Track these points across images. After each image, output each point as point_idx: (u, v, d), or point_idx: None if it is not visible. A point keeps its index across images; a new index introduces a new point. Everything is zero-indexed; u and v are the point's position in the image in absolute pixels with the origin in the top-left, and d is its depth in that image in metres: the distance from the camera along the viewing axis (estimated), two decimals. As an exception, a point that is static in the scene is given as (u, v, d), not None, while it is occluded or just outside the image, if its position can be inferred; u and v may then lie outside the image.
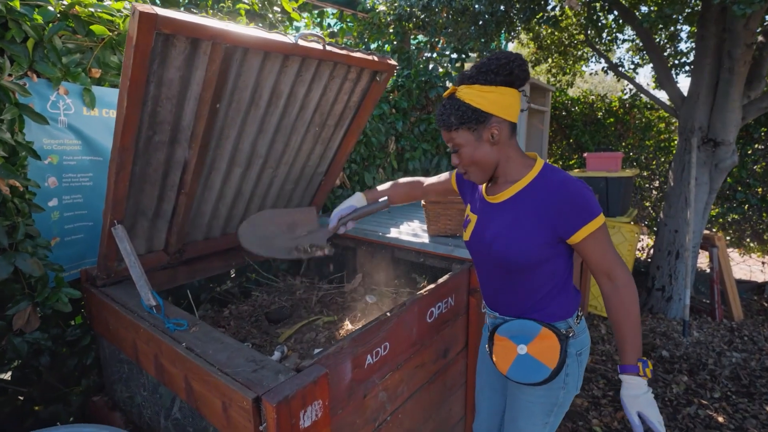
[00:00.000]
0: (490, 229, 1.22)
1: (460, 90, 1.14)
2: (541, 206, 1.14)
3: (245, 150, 1.62)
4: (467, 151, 1.16)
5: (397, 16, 3.52)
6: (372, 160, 2.86)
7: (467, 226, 1.31)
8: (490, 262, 1.25)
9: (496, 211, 1.23)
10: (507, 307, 1.27)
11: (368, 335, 1.25)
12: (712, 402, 2.70)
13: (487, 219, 1.25)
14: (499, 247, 1.18)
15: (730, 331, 3.60)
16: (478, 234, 1.26)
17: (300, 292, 2.04)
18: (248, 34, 1.25)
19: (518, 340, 1.22)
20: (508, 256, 1.18)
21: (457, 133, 1.15)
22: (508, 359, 1.23)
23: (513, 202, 1.19)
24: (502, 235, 1.19)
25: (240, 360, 1.09)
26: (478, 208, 1.29)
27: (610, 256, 1.13)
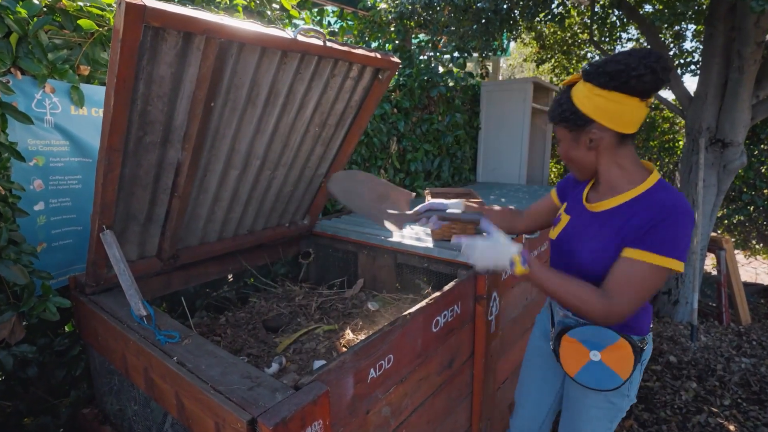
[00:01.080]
0: (581, 237, 1.18)
1: (576, 86, 1.10)
2: (638, 225, 1.05)
3: (242, 151, 1.55)
4: (563, 147, 1.18)
5: (399, 14, 3.45)
6: (373, 161, 2.79)
7: (557, 224, 1.29)
8: (572, 267, 1.19)
9: (592, 220, 1.18)
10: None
11: (371, 348, 1.17)
12: (722, 410, 2.63)
13: (580, 225, 1.21)
14: (583, 260, 1.15)
15: (738, 335, 3.53)
16: (567, 237, 1.23)
17: (299, 298, 1.97)
18: (244, 29, 1.18)
19: (592, 345, 1.18)
20: (592, 270, 1.13)
21: (557, 128, 1.15)
22: (578, 363, 1.20)
23: (611, 215, 1.12)
24: (591, 248, 1.14)
25: (234, 376, 1.02)
26: (574, 209, 1.26)
27: (630, 289, 1.04)
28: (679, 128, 5.03)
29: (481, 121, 3.94)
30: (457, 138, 3.59)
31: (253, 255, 2.08)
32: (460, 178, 3.81)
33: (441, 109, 3.43)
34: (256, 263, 2.10)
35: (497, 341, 1.84)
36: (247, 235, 1.93)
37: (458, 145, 3.65)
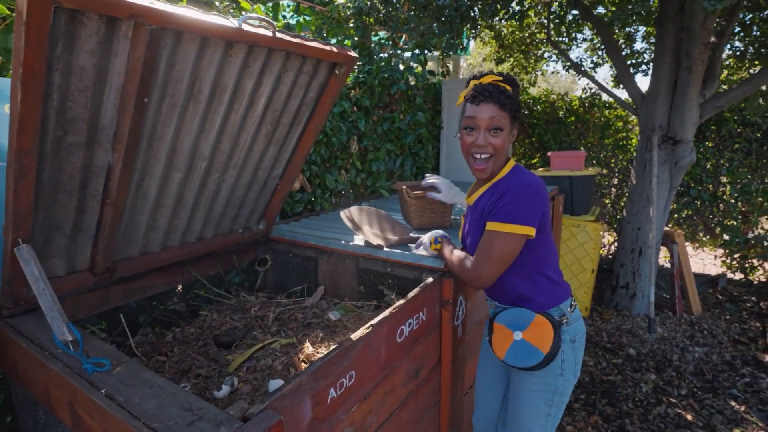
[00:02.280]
0: (464, 229, 1.41)
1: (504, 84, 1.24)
2: (492, 203, 1.26)
3: (185, 152, 1.41)
4: (503, 137, 1.24)
5: (357, 10, 3.35)
6: (333, 161, 2.69)
7: (459, 227, 1.53)
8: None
9: (470, 210, 1.38)
10: (500, 296, 1.37)
11: (331, 365, 1.07)
12: (680, 400, 2.71)
13: (466, 220, 1.42)
14: (470, 247, 1.34)
15: (690, 325, 3.67)
16: (464, 236, 1.43)
17: (255, 309, 1.84)
18: (179, 15, 1.05)
19: (515, 327, 1.31)
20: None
21: (504, 116, 1.22)
22: (504, 345, 1.32)
23: (480, 200, 1.33)
24: (470, 233, 1.35)
25: (173, 409, 0.90)
26: (468, 209, 1.43)
27: (487, 255, 1.24)
28: (632, 126, 5.20)
29: (443, 119, 3.90)
30: (420, 137, 3.54)
31: (204, 264, 1.93)
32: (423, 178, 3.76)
33: (402, 108, 3.36)
34: (207, 273, 1.95)
35: (464, 346, 1.78)
36: (195, 242, 1.78)
37: (420, 144, 3.59)
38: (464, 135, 1.27)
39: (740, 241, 4.55)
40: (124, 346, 1.59)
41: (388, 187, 3.11)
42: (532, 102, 5.43)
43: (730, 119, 4.49)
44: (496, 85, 1.22)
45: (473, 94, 1.22)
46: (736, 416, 2.56)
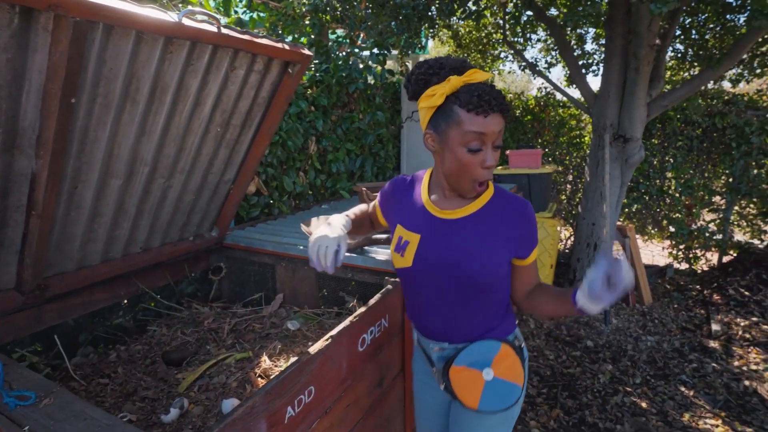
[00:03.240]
0: (454, 247, 1.07)
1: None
2: (508, 223, 1.07)
3: (123, 156, 1.30)
4: (499, 143, 1.00)
5: (313, 7, 3.27)
6: (291, 163, 2.60)
7: (405, 249, 1.11)
8: (449, 287, 1.09)
9: (457, 228, 1.08)
10: (463, 333, 1.13)
11: (287, 383, 1.01)
12: (635, 388, 2.82)
13: (444, 236, 1.08)
14: (472, 267, 1.05)
15: (642, 315, 3.84)
16: (431, 254, 1.08)
17: (209, 321, 1.74)
18: (107, 6, 0.95)
19: (480, 365, 1.10)
20: (481, 276, 1.05)
21: (499, 120, 0.97)
22: (476, 390, 1.09)
23: (478, 217, 1.08)
24: (474, 253, 1.05)
25: (109, 444, 0.81)
26: (423, 226, 1.10)
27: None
28: (585, 125, 5.39)
29: (403, 118, 3.88)
30: (380, 137, 3.50)
31: (153, 275, 1.80)
32: (384, 178, 3.72)
33: (362, 107, 3.30)
34: (156, 284, 1.83)
35: (428, 350, 1.75)
36: (141, 253, 1.66)
37: (381, 144, 3.55)
38: (466, 155, 0.96)
39: (684, 232, 4.81)
40: (62, 369, 1.46)
41: (348, 188, 3.05)
42: (490, 101, 5.51)
43: (674, 118, 4.73)
44: (496, 88, 0.98)
45: (478, 103, 0.92)
46: (686, 401, 2.69)
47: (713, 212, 4.96)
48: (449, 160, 1.00)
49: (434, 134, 1.01)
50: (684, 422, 2.50)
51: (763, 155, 4.54)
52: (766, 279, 4.00)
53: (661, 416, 2.55)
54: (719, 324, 3.55)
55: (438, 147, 1.02)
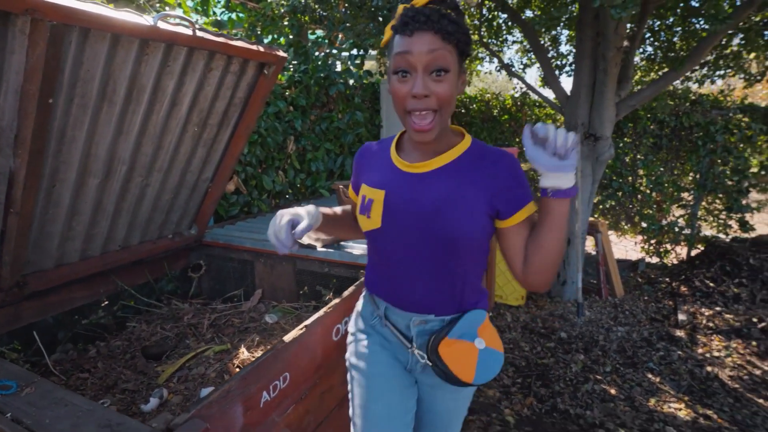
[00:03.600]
0: (425, 200, 0.95)
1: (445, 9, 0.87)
2: (485, 174, 0.95)
3: (101, 156, 1.33)
4: (452, 81, 0.86)
5: (292, 8, 3.31)
6: (270, 161, 2.64)
7: (370, 209, 0.99)
8: (422, 247, 0.98)
9: (428, 181, 0.97)
10: (446, 303, 1.03)
11: (262, 369, 1.07)
12: (605, 376, 2.94)
13: (412, 190, 0.97)
14: (444, 221, 0.94)
15: (614, 307, 3.98)
16: (399, 210, 0.97)
17: (189, 317, 1.77)
18: (82, 10, 0.99)
19: (472, 335, 1.02)
20: (456, 231, 0.94)
21: (450, 50, 0.84)
22: (471, 363, 1.01)
23: (450, 169, 0.97)
24: (444, 207, 0.94)
25: (90, 427, 0.85)
26: (388, 181, 1.00)
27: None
28: (560, 124, 5.54)
29: (382, 118, 3.95)
30: (359, 136, 3.56)
31: (132, 273, 1.83)
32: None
33: (341, 107, 3.36)
34: (135, 282, 1.85)
35: (403, 340, 1.82)
36: (120, 251, 1.69)
37: (360, 144, 3.61)
38: (395, 83, 0.86)
39: (655, 228, 5.00)
40: (41, 365, 1.48)
41: (328, 187, 3.10)
42: (468, 101, 5.63)
43: (644, 117, 4.91)
44: (434, 8, 0.85)
45: (403, 21, 0.83)
46: (652, 387, 2.82)
47: (682, 208, 5.16)
48: (392, 99, 0.90)
49: (387, 59, 0.89)
50: (650, 407, 2.63)
51: (727, 153, 4.75)
52: (729, 271, 4.19)
53: (629, 402, 2.67)
54: (685, 314, 3.71)
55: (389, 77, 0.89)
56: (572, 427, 2.42)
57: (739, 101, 4.91)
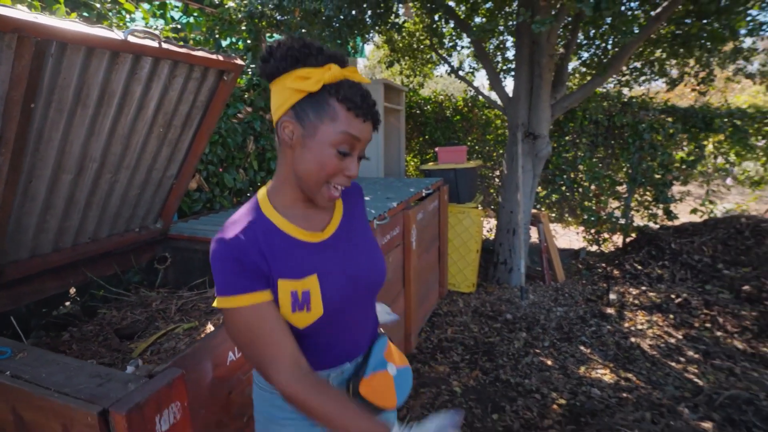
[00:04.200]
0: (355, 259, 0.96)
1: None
2: (359, 207, 1.06)
3: (75, 154, 1.48)
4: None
5: (249, 14, 3.46)
6: (231, 161, 2.79)
7: (309, 301, 0.87)
8: (369, 298, 1.01)
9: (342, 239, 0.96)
10: (367, 340, 1.04)
11: (228, 333, 1.26)
12: (543, 350, 3.28)
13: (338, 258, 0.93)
14: (378, 263, 1.00)
15: (555, 290, 4.37)
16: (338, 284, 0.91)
17: (157, 303, 1.92)
18: (63, 28, 1.15)
19: (383, 364, 1.00)
20: (383, 267, 1.02)
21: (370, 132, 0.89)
22: (390, 390, 0.99)
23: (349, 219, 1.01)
24: (370, 250, 1.00)
25: (82, 378, 1.02)
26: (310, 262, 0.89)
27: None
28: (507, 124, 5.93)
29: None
30: (317, 136, 3.75)
31: (100, 264, 1.96)
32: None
33: (298, 109, 3.54)
34: (103, 273, 1.98)
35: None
36: (89, 243, 1.82)
37: (318, 143, 3.81)
38: (331, 157, 0.83)
39: (594, 218, 5.46)
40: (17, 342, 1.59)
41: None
42: (423, 102, 5.92)
43: (580, 117, 5.36)
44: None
45: (361, 104, 0.82)
46: (583, 357, 3.18)
47: (617, 200, 5.67)
48: (309, 160, 0.84)
49: (296, 124, 0.84)
50: (580, 374, 2.98)
51: (653, 150, 5.27)
52: (654, 254, 4.68)
53: (562, 370, 3.01)
54: (616, 294, 4.14)
55: (297, 140, 0.84)
56: (512, 394, 2.72)
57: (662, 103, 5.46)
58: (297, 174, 0.87)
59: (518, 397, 2.69)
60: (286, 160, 0.89)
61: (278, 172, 0.92)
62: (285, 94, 0.83)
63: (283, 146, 0.88)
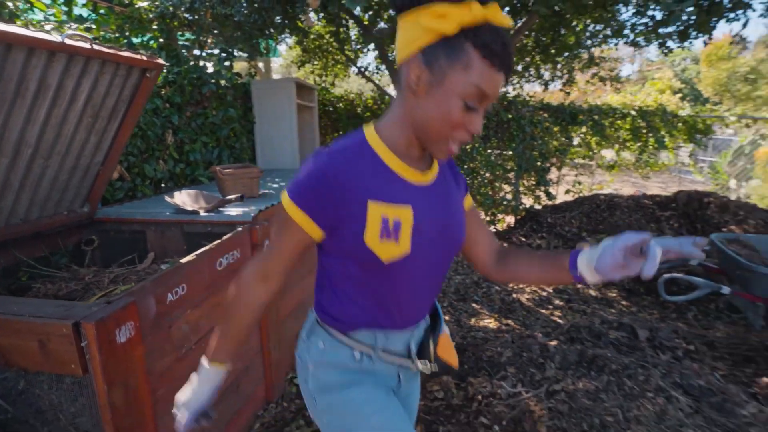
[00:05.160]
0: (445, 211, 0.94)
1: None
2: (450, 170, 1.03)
3: (12, 140, 1.68)
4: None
5: (160, 14, 3.63)
6: (151, 152, 2.99)
7: (398, 232, 0.84)
8: (447, 258, 0.98)
9: (436, 191, 0.93)
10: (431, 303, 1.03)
11: (166, 278, 1.58)
12: (443, 308, 3.87)
13: (433, 203, 0.91)
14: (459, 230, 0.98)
15: (456, 263, 5.04)
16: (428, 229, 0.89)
17: (89, 276, 2.13)
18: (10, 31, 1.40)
19: (443, 325, 1.05)
20: (463, 231, 1.00)
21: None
22: (452, 348, 1.04)
23: (441, 174, 0.97)
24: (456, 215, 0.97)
25: (49, 308, 1.30)
26: (410, 195, 0.87)
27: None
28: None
29: (255, 115, 4.44)
30: (234, 130, 4.01)
31: (30, 246, 2.12)
32: (241, 167, 4.23)
33: (214, 105, 3.78)
34: (33, 254, 2.14)
35: (275, 280, 2.41)
36: (21, 224, 1.99)
37: (235, 137, 4.07)
38: (459, 110, 0.77)
39: (489, 202, 6.27)
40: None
41: (207, 175, 3.52)
42: (335, 100, 6.34)
43: (473, 113, 6.13)
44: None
45: (502, 53, 0.73)
46: (474, 312, 3.82)
47: (508, 185, 6.55)
48: (434, 108, 0.78)
49: (425, 68, 0.76)
50: (470, 324, 3.60)
51: (534, 141, 6.19)
52: (535, 228, 5.56)
53: (457, 323, 3.61)
54: (503, 262, 4.90)
55: (423, 86, 0.77)
56: (414, 343, 3.25)
57: (538, 102, 6.41)
58: (416, 121, 0.82)
59: (419, 344, 3.22)
60: (406, 104, 0.83)
61: (392, 113, 0.88)
62: (415, 31, 0.75)
63: (406, 89, 0.81)
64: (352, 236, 0.84)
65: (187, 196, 2.45)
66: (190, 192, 2.47)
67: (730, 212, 5.13)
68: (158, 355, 1.54)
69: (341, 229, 0.85)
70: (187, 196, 2.45)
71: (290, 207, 0.84)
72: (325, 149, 0.85)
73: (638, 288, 4.31)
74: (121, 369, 1.31)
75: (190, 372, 1.69)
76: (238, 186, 2.59)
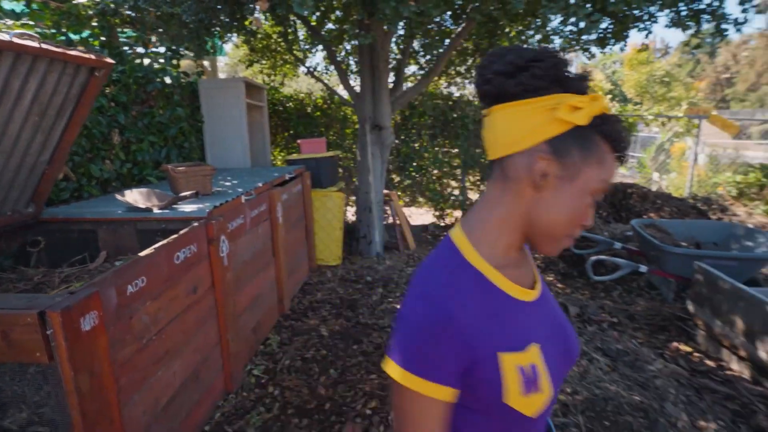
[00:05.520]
0: (565, 328, 0.81)
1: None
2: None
3: (-45, 138, 1.67)
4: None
5: (101, 11, 3.55)
6: (96, 152, 2.95)
7: (538, 379, 0.70)
8: (561, 380, 0.80)
9: (549, 304, 0.81)
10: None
11: (126, 270, 1.64)
12: (395, 299, 4.06)
13: (550, 323, 0.78)
14: (577, 344, 0.84)
15: (408, 256, 5.26)
16: (557, 356, 0.76)
17: (38, 277, 2.11)
18: (-39, 31, 1.41)
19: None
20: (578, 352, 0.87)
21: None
22: None
23: (541, 278, 0.83)
24: (569, 325, 0.84)
25: (11, 300, 1.33)
26: (530, 325, 0.74)
27: None
28: (362, 119, 6.70)
29: (203, 114, 4.41)
30: (182, 130, 3.98)
31: (-29, 248, 2.07)
32: (191, 167, 4.20)
33: (161, 104, 3.74)
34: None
35: (231, 274, 2.48)
36: (-37, 225, 1.95)
37: (184, 137, 4.04)
38: (586, 204, 0.69)
39: (437, 197, 6.56)
40: None
41: (156, 175, 3.49)
42: (285, 100, 6.37)
43: (418, 112, 6.38)
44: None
45: (626, 144, 0.70)
46: (425, 300, 4.04)
47: (456, 181, 6.87)
48: (564, 206, 0.69)
49: (556, 161, 0.67)
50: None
51: (478, 138, 6.53)
52: (480, 221, 5.89)
53: (409, 311, 3.81)
54: (452, 253, 5.17)
55: (550, 182, 0.68)
56: (368, 331, 3.41)
57: (481, 101, 6.77)
58: (537, 220, 0.70)
59: (373, 332, 3.39)
60: (520, 201, 0.70)
61: (491, 211, 0.73)
62: (538, 119, 0.66)
63: (521, 183, 0.69)
64: (486, 394, 0.69)
65: (139, 194, 2.47)
66: (142, 191, 2.49)
67: (650, 201, 5.71)
68: (120, 345, 1.59)
69: (468, 383, 0.69)
70: (138, 195, 2.46)
71: (408, 380, 0.65)
72: (424, 283, 0.68)
73: (571, 272, 4.72)
74: (87, 356, 1.37)
75: (150, 363, 1.76)
76: (191, 184, 2.63)
